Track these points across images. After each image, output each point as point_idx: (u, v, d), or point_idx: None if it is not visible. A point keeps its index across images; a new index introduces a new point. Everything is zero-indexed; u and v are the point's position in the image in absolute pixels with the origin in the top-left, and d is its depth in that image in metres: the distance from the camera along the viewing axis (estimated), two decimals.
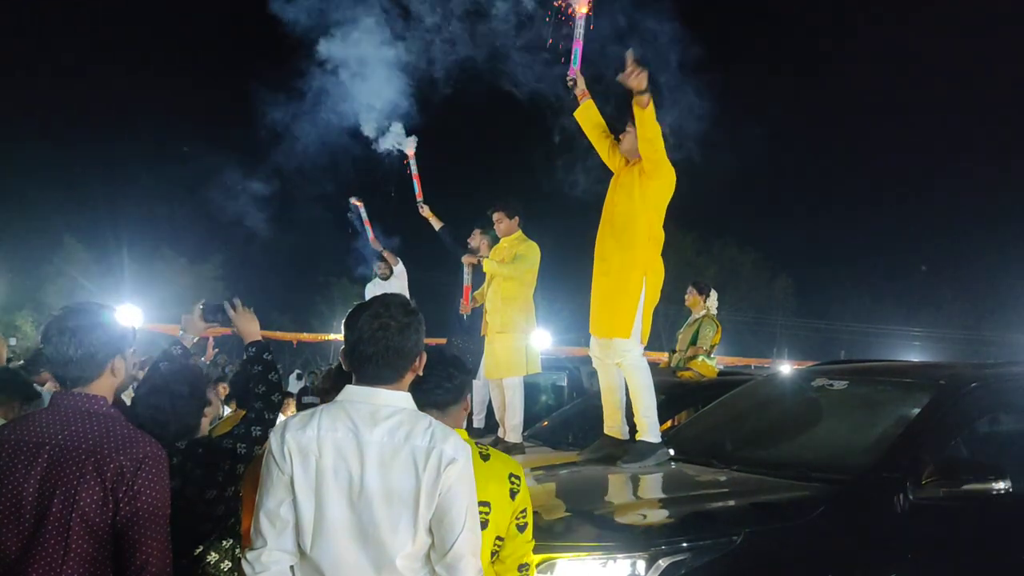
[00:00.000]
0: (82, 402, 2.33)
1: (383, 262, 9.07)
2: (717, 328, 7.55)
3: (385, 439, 2.12)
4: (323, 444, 2.12)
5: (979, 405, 4.03)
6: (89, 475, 2.20)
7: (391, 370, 2.21)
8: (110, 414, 2.34)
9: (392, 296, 2.32)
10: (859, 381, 4.55)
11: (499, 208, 6.10)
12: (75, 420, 2.29)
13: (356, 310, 2.29)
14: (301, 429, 2.14)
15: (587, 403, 6.13)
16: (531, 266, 5.95)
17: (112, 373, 2.41)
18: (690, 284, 8.00)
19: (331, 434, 2.13)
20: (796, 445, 4.25)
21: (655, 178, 4.54)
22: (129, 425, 2.35)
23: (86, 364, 2.35)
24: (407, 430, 2.13)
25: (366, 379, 2.21)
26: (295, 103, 8.09)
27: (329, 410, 2.19)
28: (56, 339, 2.34)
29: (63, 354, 2.34)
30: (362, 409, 2.16)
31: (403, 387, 2.24)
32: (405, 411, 2.19)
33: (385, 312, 2.23)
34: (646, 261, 4.58)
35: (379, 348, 2.19)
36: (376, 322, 2.21)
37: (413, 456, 2.10)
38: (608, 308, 4.66)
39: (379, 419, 2.14)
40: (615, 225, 4.70)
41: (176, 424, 2.89)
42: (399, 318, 2.23)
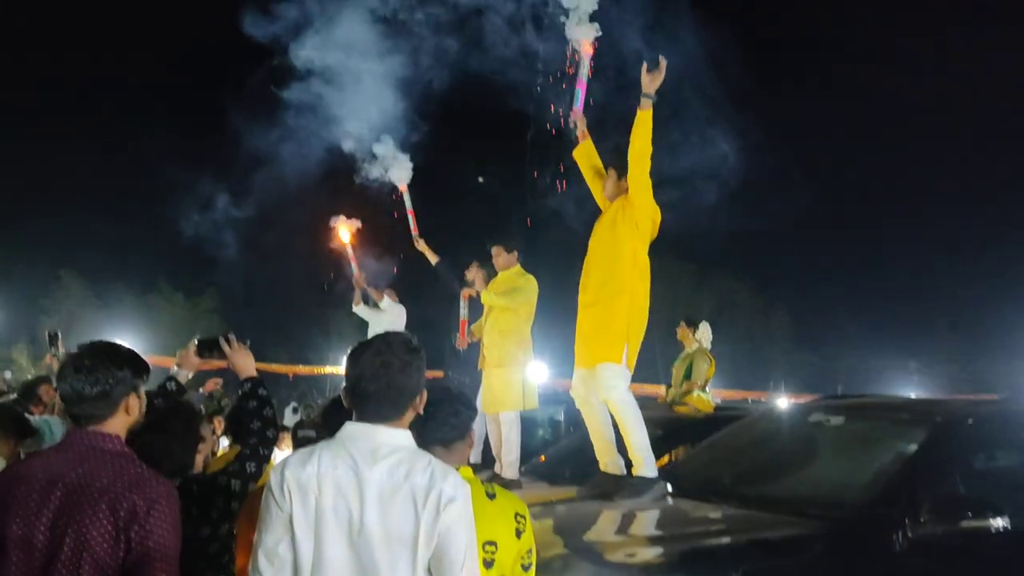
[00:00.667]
0: (96, 440, 2.34)
1: (378, 290, 9.07)
2: (710, 362, 7.56)
3: (385, 477, 2.11)
4: (323, 482, 2.11)
5: (975, 442, 4.04)
6: (102, 513, 2.20)
7: (392, 408, 2.21)
8: (124, 452, 2.36)
9: (394, 334, 2.33)
10: (856, 417, 4.56)
11: (498, 242, 6.11)
12: (89, 458, 2.29)
13: (358, 348, 2.29)
14: (301, 466, 2.14)
15: (585, 437, 6.09)
16: (528, 299, 5.96)
17: (126, 411, 2.42)
18: (681, 319, 8.03)
19: (331, 472, 2.12)
20: (794, 481, 4.24)
21: (636, 199, 4.59)
22: (142, 464, 2.36)
23: (100, 402, 2.36)
24: (407, 468, 2.12)
25: (367, 416, 2.21)
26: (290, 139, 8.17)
27: (329, 447, 2.19)
28: (72, 377, 2.35)
29: (78, 391, 2.34)
30: (362, 447, 2.16)
31: (403, 425, 2.24)
32: (405, 449, 2.18)
33: (387, 350, 2.24)
34: (632, 287, 4.60)
35: (380, 386, 2.19)
36: (378, 360, 2.21)
37: (412, 495, 2.09)
38: (594, 336, 4.67)
39: (379, 457, 2.13)
40: (598, 255, 4.77)
41: (169, 462, 2.87)
42: (401, 356, 2.23)
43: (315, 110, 7.82)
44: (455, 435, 2.56)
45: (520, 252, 6.14)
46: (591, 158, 5.03)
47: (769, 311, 49.18)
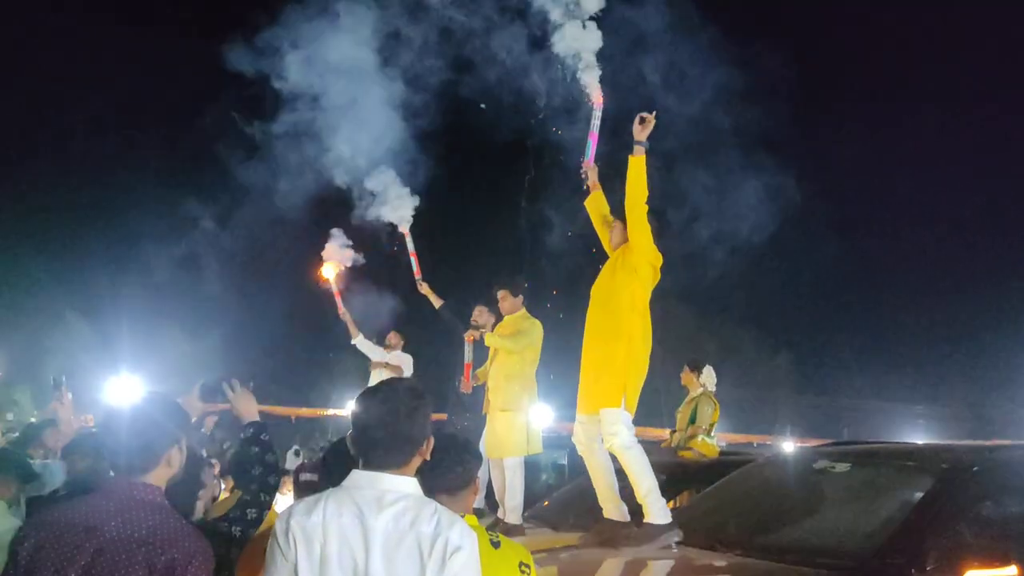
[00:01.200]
0: (137, 491, 2.35)
1: (396, 332, 9.09)
2: (715, 406, 7.52)
3: (390, 525, 2.10)
4: (328, 530, 2.11)
5: (982, 489, 4.01)
6: (139, 565, 2.20)
7: (398, 455, 2.21)
8: (164, 505, 2.37)
9: (400, 381, 2.40)
10: (861, 464, 4.53)
11: (503, 285, 6.15)
12: (129, 508, 2.30)
13: (364, 394, 2.31)
14: (307, 514, 2.14)
15: (589, 482, 6.07)
16: (532, 342, 5.97)
17: (168, 464, 2.44)
18: (685, 363, 8.00)
19: (336, 520, 2.11)
20: (800, 529, 4.21)
21: (635, 243, 4.63)
22: (181, 519, 2.38)
23: (144, 454, 2.39)
24: (412, 516, 2.12)
25: (373, 464, 2.21)
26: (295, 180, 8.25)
27: (335, 495, 2.18)
28: (118, 428, 2.40)
29: (122, 443, 2.38)
30: (368, 494, 2.15)
31: (410, 472, 2.24)
32: (411, 496, 2.18)
33: (393, 396, 2.25)
34: (630, 331, 4.62)
35: (386, 433, 2.20)
36: (384, 407, 2.23)
37: (418, 543, 2.08)
38: (593, 382, 4.68)
39: (384, 505, 2.13)
40: (598, 300, 4.82)
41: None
42: (407, 402, 2.24)
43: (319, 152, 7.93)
44: (460, 483, 2.57)
45: (525, 296, 6.17)
46: (601, 208, 5.12)
47: (773, 354, 49.01)
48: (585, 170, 5.15)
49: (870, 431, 38.08)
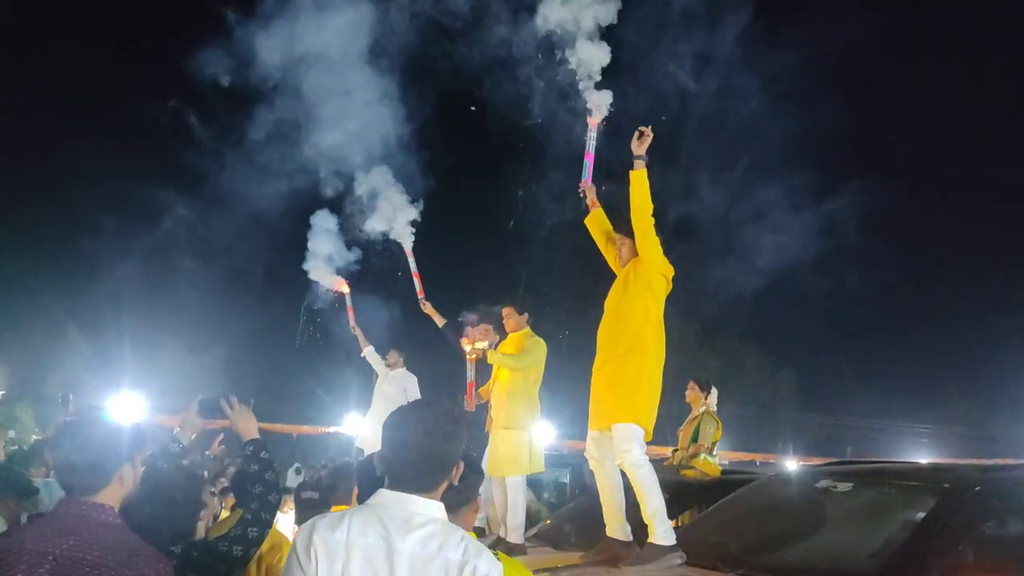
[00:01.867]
0: (89, 511, 2.26)
1: (396, 351, 9.09)
2: (717, 425, 7.48)
3: (418, 549, 2.05)
4: (352, 549, 2.06)
5: (985, 509, 3.99)
6: None
7: (430, 478, 2.17)
8: (118, 525, 2.29)
9: (439, 402, 2.31)
10: (864, 484, 4.52)
11: (509, 303, 6.15)
12: (81, 530, 2.21)
13: (401, 412, 2.25)
14: (330, 530, 2.08)
15: (591, 501, 6.04)
16: (536, 361, 5.96)
17: (120, 482, 2.36)
18: (691, 379, 7.96)
19: (361, 539, 2.06)
20: (802, 549, 4.20)
21: (646, 256, 4.63)
22: (136, 537, 2.29)
23: (94, 473, 2.30)
24: (440, 541, 2.07)
25: (401, 485, 2.16)
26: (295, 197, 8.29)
27: (360, 513, 2.13)
28: (66, 447, 2.31)
29: (70, 462, 2.30)
30: (395, 515, 2.10)
31: (437, 496, 2.19)
32: (439, 521, 2.13)
33: (431, 418, 2.19)
34: (644, 345, 4.61)
35: (422, 454, 2.15)
36: (421, 427, 2.17)
37: (446, 569, 2.04)
38: (607, 397, 4.66)
39: (412, 527, 2.08)
40: (611, 315, 4.80)
41: (169, 530, 2.84)
42: (445, 425, 2.20)
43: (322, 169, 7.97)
44: (461, 500, 2.55)
45: (531, 314, 6.17)
46: (602, 225, 5.11)
47: (776, 372, 48.89)
48: (583, 189, 5.17)
49: (873, 450, 37.96)
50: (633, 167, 4.65)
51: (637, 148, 4.66)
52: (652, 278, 4.66)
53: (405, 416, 2.21)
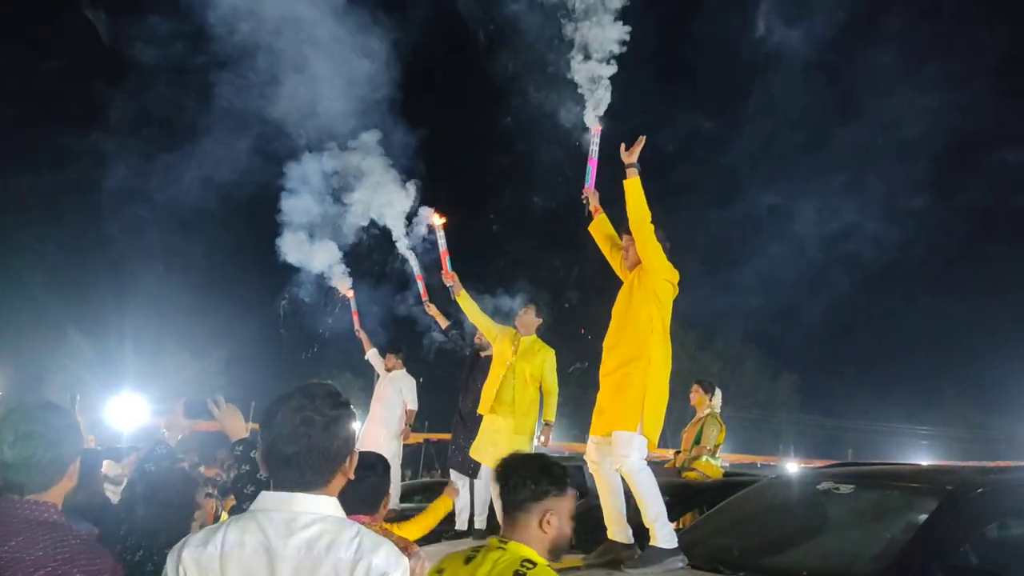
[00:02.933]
0: (30, 510, 2.13)
1: (392, 354, 9.11)
2: (721, 427, 7.49)
3: (303, 552, 1.79)
4: (227, 563, 1.80)
5: (986, 511, 3.99)
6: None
7: (315, 473, 1.88)
8: (61, 523, 2.16)
9: (318, 385, 1.98)
10: (865, 485, 4.51)
11: (534, 301, 6.34)
12: (22, 531, 2.08)
13: (275, 402, 1.95)
14: (202, 546, 1.83)
15: (590, 503, 6.05)
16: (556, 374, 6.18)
17: (69, 478, 2.25)
18: (695, 382, 7.97)
19: (237, 551, 1.80)
20: (803, 552, 4.19)
21: (649, 263, 4.63)
22: (81, 535, 2.18)
23: (49, 469, 2.18)
24: (329, 540, 1.80)
25: (285, 484, 1.88)
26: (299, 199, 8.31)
27: (237, 522, 1.86)
28: (21, 442, 2.15)
29: (27, 458, 2.15)
30: (277, 519, 1.83)
31: (330, 492, 1.91)
32: (329, 519, 1.85)
33: (309, 404, 1.90)
34: (649, 352, 4.59)
35: (300, 448, 1.86)
36: (298, 416, 1.88)
37: (335, 570, 1.78)
38: (610, 404, 4.65)
39: (296, 529, 1.81)
40: (617, 323, 4.79)
41: (166, 533, 2.80)
42: (325, 411, 1.90)
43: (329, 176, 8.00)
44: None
45: (543, 324, 6.31)
46: (606, 231, 5.13)
47: (777, 375, 48.90)
48: (586, 195, 5.19)
49: (874, 452, 37.97)
50: (626, 176, 4.67)
51: (627, 157, 4.69)
52: (657, 285, 4.65)
53: (279, 405, 1.92)
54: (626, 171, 4.67)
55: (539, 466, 2.61)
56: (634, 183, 4.63)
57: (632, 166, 4.66)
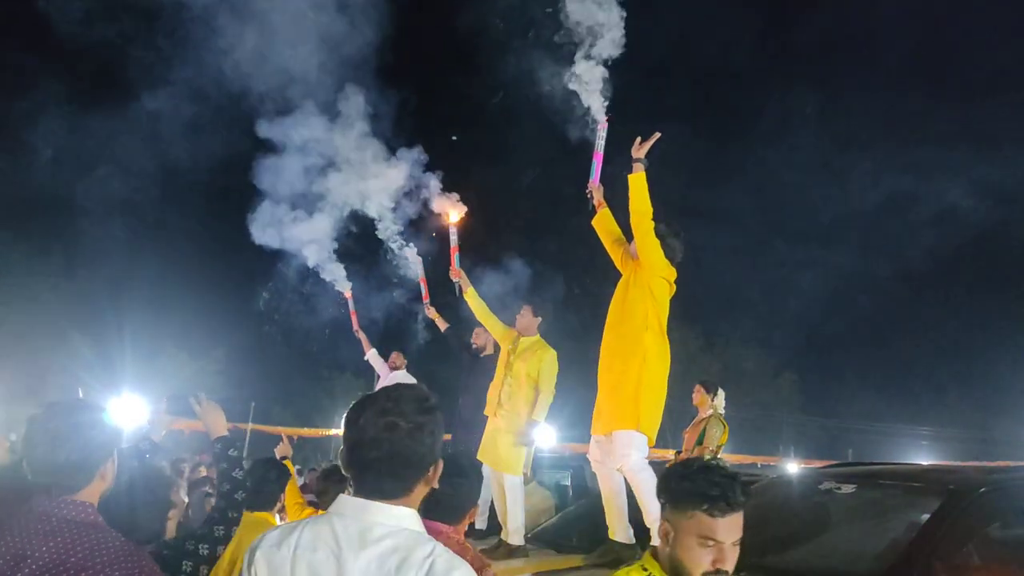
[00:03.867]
0: (68, 510, 2.12)
1: (399, 352, 9.12)
2: (724, 428, 7.47)
3: (372, 567, 1.70)
4: (297, 566, 1.75)
5: (989, 511, 3.97)
6: None
7: (396, 481, 1.80)
8: (99, 524, 2.15)
9: (406, 388, 1.89)
10: (867, 485, 4.50)
11: (531, 302, 6.24)
12: (61, 531, 2.07)
13: (359, 404, 1.88)
14: (276, 546, 1.79)
15: (592, 503, 6.04)
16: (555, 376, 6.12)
17: (102, 479, 2.23)
18: (698, 383, 7.96)
19: (308, 555, 1.75)
20: (805, 551, 4.17)
21: (646, 260, 4.62)
22: (120, 536, 2.15)
23: (79, 471, 2.16)
24: (400, 558, 1.70)
25: (364, 490, 1.81)
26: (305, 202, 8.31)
27: (314, 524, 1.81)
28: (47, 444, 2.15)
29: (53, 460, 2.14)
30: (351, 527, 1.76)
31: (411, 503, 1.83)
32: (404, 533, 1.76)
33: (394, 409, 1.82)
34: (644, 349, 4.59)
35: (382, 454, 1.79)
36: (382, 421, 1.80)
37: None
38: (608, 402, 4.65)
39: (368, 541, 1.73)
40: (613, 320, 4.79)
41: (141, 531, 2.73)
42: (411, 417, 1.82)
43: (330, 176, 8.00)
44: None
45: (543, 323, 6.24)
46: (609, 226, 5.13)
47: (778, 376, 48.89)
48: (590, 190, 5.19)
49: (875, 453, 38.00)
50: (632, 171, 4.66)
51: (637, 151, 4.68)
52: (653, 282, 4.65)
53: (363, 408, 1.85)
54: (632, 165, 4.66)
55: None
56: (639, 178, 4.63)
57: (640, 161, 4.66)
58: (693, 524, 2.25)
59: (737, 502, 2.23)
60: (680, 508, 2.30)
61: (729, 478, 2.25)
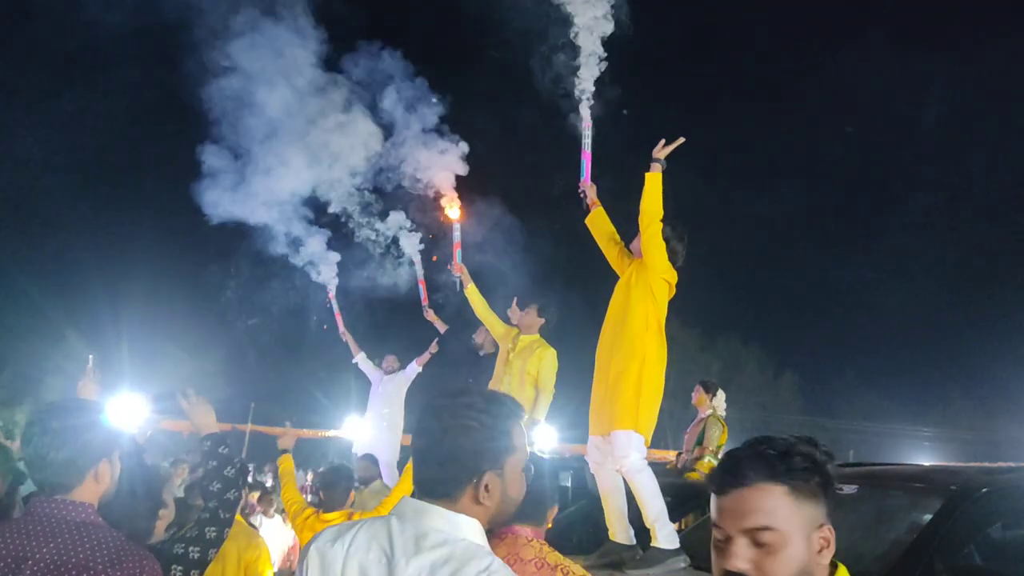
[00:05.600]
0: (67, 511, 2.10)
1: (393, 356, 9.10)
2: (723, 428, 7.46)
3: (423, 575, 1.62)
4: (348, 565, 1.70)
5: (991, 512, 3.95)
6: None
7: (445, 485, 1.73)
8: (99, 524, 2.13)
9: (467, 390, 1.83)
10: (869, 486, 4.47)
11: (535, 301, 6.28)
12: (62, 531, 2.06)
13: (423, 404, 1.84)
14: (331, 541, 1.75)
15: (592, 504, 6.01)
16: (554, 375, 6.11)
17: (95, 479, 2.19)
18: (698, 382, 7.95)
19: (361, 555, 1.70)
20: None
21: (650, 260, 4.61)
22: (121, 536, 2.14)
23: (68, 470, 2.14)
24: (453, 569, 1.61)
25: (421, 491, 1.76)
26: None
27: (371, 525, 1.76)
28: (37, 439, 2.14)
29: (42, 456, 2.13)
30: (408, 530, 1.70)
31: (470, 511, 1.73)
32: (461, 543, 1.66)
33: (449, 407, 1.76)
34: (644, 350, 4.57)
35: (437, 454, 1.74)
36: (437, 422, 1.75)
37: None
38: (606, 402, 4.63)
39: (423, 548, 1.65)
40: (612, 319, 4.77)
41: (128, 528, 2.70)
42: (470, 417, 1.74)
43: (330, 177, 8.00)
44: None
45: (547, 324, 6.24)
46: (603, 225, 5.11)
47: (778, 376, 48.88)
48: (583, 189, 5.18)
49: (875, 454, 37.96)
50: (650, 169, 4.66)
51: (658, 152, 4.68)
52: (654, 282, 4.63)
53: (425, 408, 1.81)
54: (651, 164, 4.67)
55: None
56: (655, 177, 4.64)
57: (659, 161, 4.67)
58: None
59: (741, 474, 1.62)
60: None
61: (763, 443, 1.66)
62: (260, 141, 7.84)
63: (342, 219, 8.53)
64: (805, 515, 1.57)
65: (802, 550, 1.56)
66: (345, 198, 8.24)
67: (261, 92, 7.58)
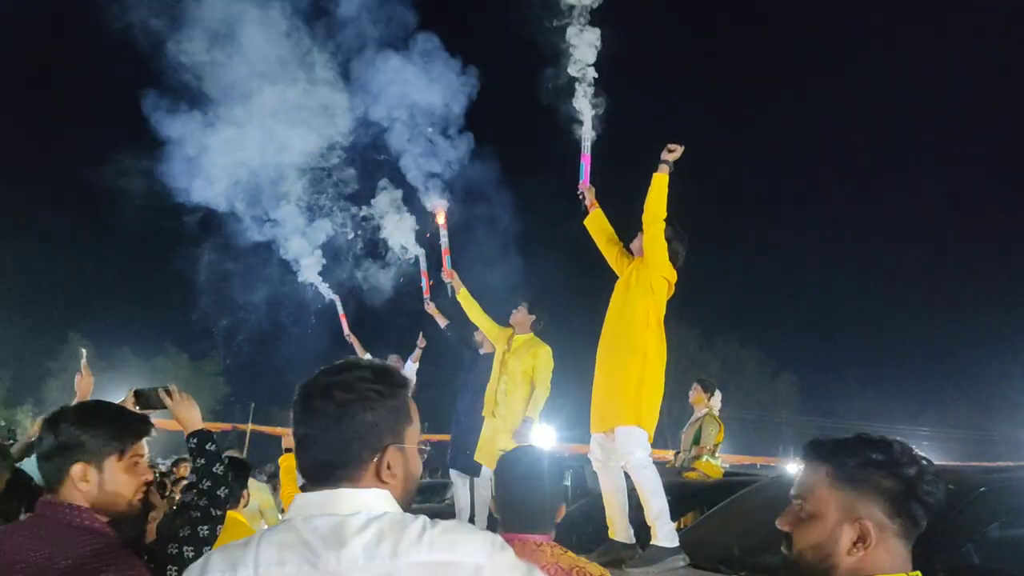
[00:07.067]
0: (64, 514, 2.06)
1: (396, 355, 9.11)
2: (719, 427, 7.49)
3: (362, 562, 1.40)
4: None
5: (990, 511, 3.97)
6: None
7: (345, 468, 1.52)
8: (91, 528, 2.09)
9: (357, 364, 1.61)
10: None
11: (527, 300, 6.32)
12: (51, 535, 2.02)
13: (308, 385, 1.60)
14: (231, 569, 1.44)
15: (592, 503, 6.04)
16: (550, 373, 6.12)
17: (83, 479, 2.11)
18: (696, 380, 7.97)
19: (276, 571, 1.42)
20: None
21: (651, 259, 4.65)
22: (112, 539, 2.10)
23: (50, 469, 2.12)
24: (392, 543, 1.41)
25: (316, 480, 1.53)
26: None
27: (271, 535, 1.48)
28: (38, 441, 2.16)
29: (39, 454, 2.14)
30: (321, 525, 1.45)
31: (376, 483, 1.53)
32: (385, 516, 1.46)
33: (341, 383, 1.55)
34: (644, 347, 4.61)
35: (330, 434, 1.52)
36: (332, 401, 1.53)
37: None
38: (608, 399, 4.66)
39: (347, 537, 1.42)
40: (613, 317, 4.81)
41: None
42: (362, 389, 1.54)
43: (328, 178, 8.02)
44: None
45: (538, 321, 6.27)
46: (602, 226, 5.16)
47: (776, 376, 48.92)
48: (581, 191, 5.22)
49: None
50: (657, 170, 4.71)
51: (667, 154, 4.74)
52: (654, 280, 4.68)
53: (305, 390, 1.58)
54: (659, 165, 4.72)
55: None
56: (662, 178, 4.69)
57: (666, 163, 4.72)
58: None
59: (807, 451, 1.75)
60: None
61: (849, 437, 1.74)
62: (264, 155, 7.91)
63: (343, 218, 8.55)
64: (840, 501, 1.65)
65: (827, 531, 1.65)
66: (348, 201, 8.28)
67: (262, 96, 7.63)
